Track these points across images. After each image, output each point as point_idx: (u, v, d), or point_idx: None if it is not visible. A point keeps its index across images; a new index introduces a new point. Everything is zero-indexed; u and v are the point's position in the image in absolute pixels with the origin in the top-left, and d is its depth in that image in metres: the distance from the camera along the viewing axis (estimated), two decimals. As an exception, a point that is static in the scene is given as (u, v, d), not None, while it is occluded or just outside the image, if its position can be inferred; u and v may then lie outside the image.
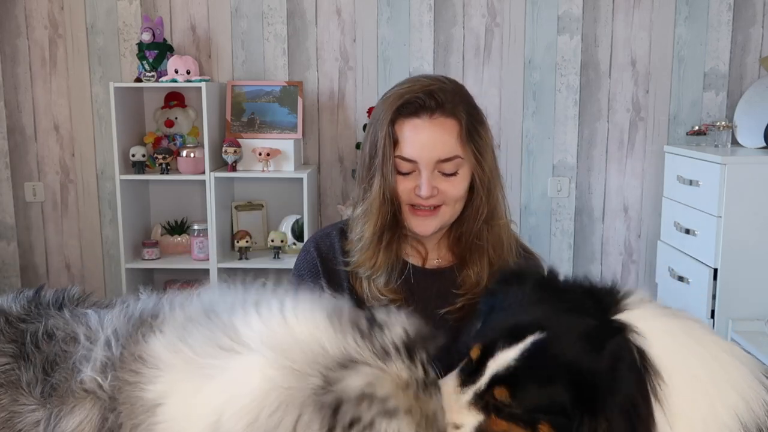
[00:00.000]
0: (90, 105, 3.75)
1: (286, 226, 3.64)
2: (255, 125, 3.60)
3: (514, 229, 1.58)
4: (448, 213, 1.47)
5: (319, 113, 3.73)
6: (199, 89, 3.41)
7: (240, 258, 3.53)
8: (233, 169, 3.48)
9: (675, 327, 1.05)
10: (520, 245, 1.58)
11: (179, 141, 3.66)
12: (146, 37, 3.46)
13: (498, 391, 1.03)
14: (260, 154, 3.43)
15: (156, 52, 3.47)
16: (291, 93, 3.61)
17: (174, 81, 3.46)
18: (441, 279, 1.53)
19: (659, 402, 0.97)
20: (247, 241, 3.55)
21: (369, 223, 1.46)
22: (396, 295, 1.47)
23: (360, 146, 2.66)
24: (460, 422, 1.05)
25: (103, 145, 3.75)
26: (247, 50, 3.70)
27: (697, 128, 3.57)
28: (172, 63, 3.47)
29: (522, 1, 3.60)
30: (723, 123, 3.41)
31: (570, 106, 3.67)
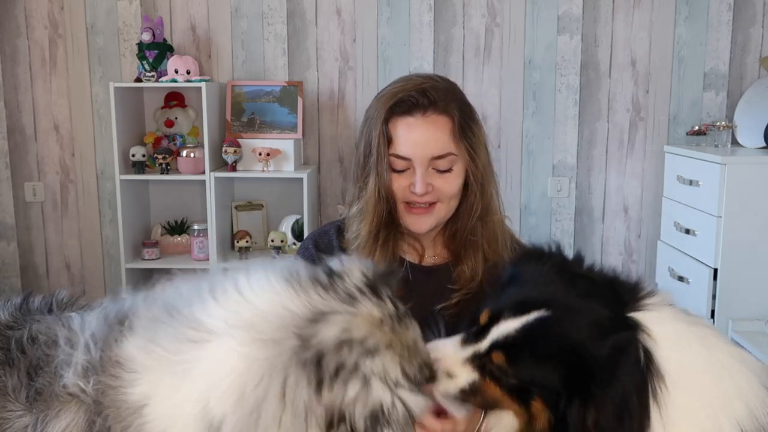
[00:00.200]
0: (90, 105, 3.75)
1: (286, 226, 3.64)
2: (255, 125, 3.60)
3: (509, 225, 1.59)
4: (443, 210, 1.49)
5: (319, 113, 3.73)
6: (199, 89, 3.41)
7: (240, 258, 3.52)
8: (233, 169, 3.48)
9: (688, 334, 1.04)
10: (515, 241, 1.59)
11: (179, 141, 3.66)
12: (146, 37, 3.46)
13: (496, 356, 1.05)
14: (260, 154, 3.43)
15: (156, 52, 3.47)
16: (291, 93, 3.61)
17: (174, 81, 3.46)
18: (437, 276, 1.54)
19: (657, 405, 0.96)
20: (247, 241, 3.55)
21: (365, 222, 1.47)
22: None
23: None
24: (454, 373, 1.07)
25: (103, 145, 3.75)
26: (247, 50, 3.70)
27: (697, 128, 3.57)
28: (172, 63, 3.47)
29: (522, 1, 3.60)
30: (723, 123, 3.41)
31: (570, 106, 3.67)
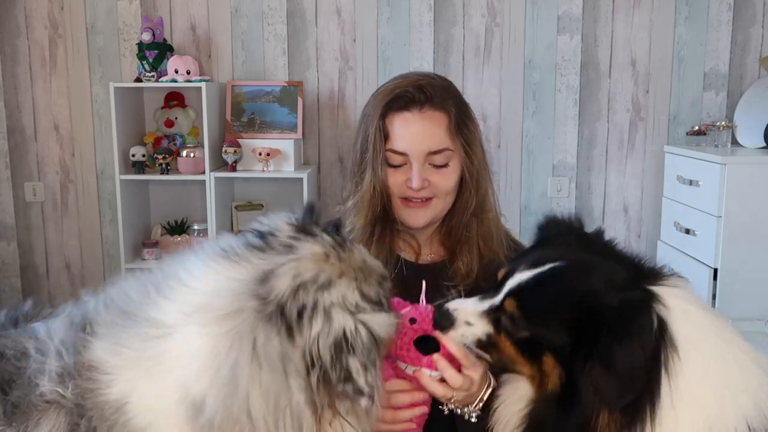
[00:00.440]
0: (90, 105, 3.75)
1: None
2: (255, 125, 3.60)
3: (504, 223, 1.60)
4: (440, 205, 1.49)
5: (319, 113, 3.73)
6: (199, 89, 3.41)
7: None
8: (233, 169, 3.48)
9: (705, 319, 1.02)
10: (511, 239, 1.59)
11: (179, 141, 3.65)
12: (146, 37, 3.46)
13: (508, 303, 1.07)
14: (260, 154, 3.43)
15: (156, 52, 3.47)
16: (291, 93, 3.61)
17: (174, 81, 3.46)
18: (434, 273, 1.53)
19: (668, 374, 0.93)
20: (247, 241, 3.54)
21: (359, 215, 1.48)
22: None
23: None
24: (472, 322, 1.12)
25: (103, 145, 3.75)
26: (247, 50, 3.70)
27: (697, 128, 3.57)
28: (172, 63, 3.47)
29: (522, 1, 3.60)
30: (723, 123, 3.42)
31: (570, 106, 3.67)
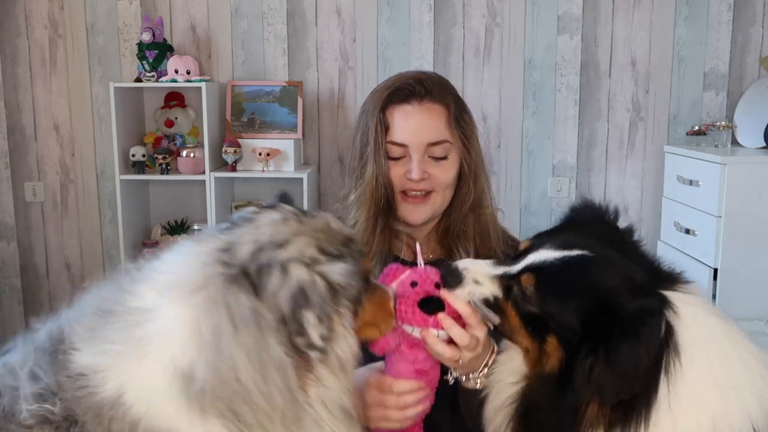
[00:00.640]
0: (90, 105, 3.75)
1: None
2: (255, 125, 3.60)
3: (501, 218, 1.60)
4: (439, 200, 1.50)
5: (319, 113, 3.73)
6: (199, 89, 3.41)
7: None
8: (233, 169, 3.48)
9: (714, 324, 1.03)
10: (508, 236, 1.59)
11: (179, 141, 3.66)
12: (146, 37, 3.46)
13: (526, 278, 1.07)
14: (260, 154, 3.43)
15: (156, 52, 3.47)
16: (291, 93, 3.61)
17: (174, 81, 3.46)
18: None
19: (667, 379, 0.96)
20: (247, 241, 3.55)
21: (363, 209, 1.49)
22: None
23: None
24: (481, 281, 1.11)
25: (103, 145, 3.75)
26: (247, 50, 3.70)
27: (697, 128, 3.57)
28: (172, 63, 3.47)
29: (522, 1, 3.60)
30: (723, 123, 3.42)
31: (570, 106, 3.67)
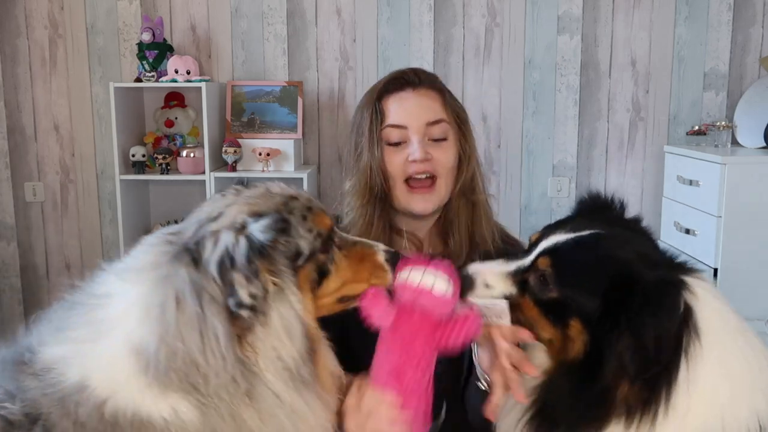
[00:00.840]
0: (90, 105, 3.75)
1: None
2: (255, 125, 3.60)
3: (496, 214, 1.61)
4: (443, 187, 1.49)
5: (319, 113, 3.73)
6: (199, 89, 3.41)
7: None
8: (233, 169, 3.48)
9: (728, 313, 1.01)
10: (504, 233, 1.60)
11: (179, 141, 3.66)
12: (146, 37, 3.46)
13: (542, 261, 1.03)
14: (260, 154, 3.43)
15: (156, 52, 3.47)
16: (291, 93, 3.61)
17: (174, 81, 3.46)
18: None
19: (687, 358, 0.92)
20: (247, 241, 3.54)
21: (357, 196, 1.50)
22: None
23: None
24: (492, 284, 1.06)
25: (103, 145, 3.75)
26: (247, 50, 3.70)
27: (697, 128, 3.57)
28: (172, 63, 3.47)
29: (522, 1, 3.60)
30: (723, 123, 3.42)
31: (570, 106, 3.67)
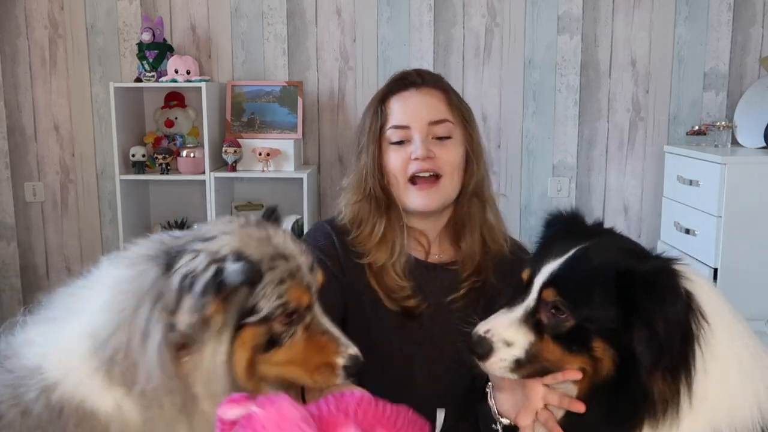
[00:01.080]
0: (90, 105, 3.75)
1: (286, 226, 3.63)
2: (255, 125, 3.60)
3: (502, 203, 1.61)
4: (449, 186, 1.48)
5: (319, 113, 3.73)
6: (199, 89, 3.41)
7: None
8: (233, 169, 3.48)
9: (723, 299, 1.01)
10: (510, 237, 1.60)
11: (179, 141, 3.66)
12: (146, 37, 3.46)
13: (546, 293, 1.01)
14: (260, 154, 3.43)
15: (156, 52, 3.47)
16: (291, 93, 3.61)
17: (174, 81, 3.46)
18: (443, 273, 1.53)
19: (699, 345, 0.91)
20: (247, 241, 3.54)
21: (353, 192, 1.51)
22: (408, 283, 1.48)
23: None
24: (511, 339, 1.02)
25: (103, 145, 3.75)
26: (247, 50, 3.70)
27: (697, 128, 3.57)
28: (172, 63, 3.47)
29: (522, 1, 3.60)
30: (723, 123, 3.41)
31: (570, 106, 3.67)
